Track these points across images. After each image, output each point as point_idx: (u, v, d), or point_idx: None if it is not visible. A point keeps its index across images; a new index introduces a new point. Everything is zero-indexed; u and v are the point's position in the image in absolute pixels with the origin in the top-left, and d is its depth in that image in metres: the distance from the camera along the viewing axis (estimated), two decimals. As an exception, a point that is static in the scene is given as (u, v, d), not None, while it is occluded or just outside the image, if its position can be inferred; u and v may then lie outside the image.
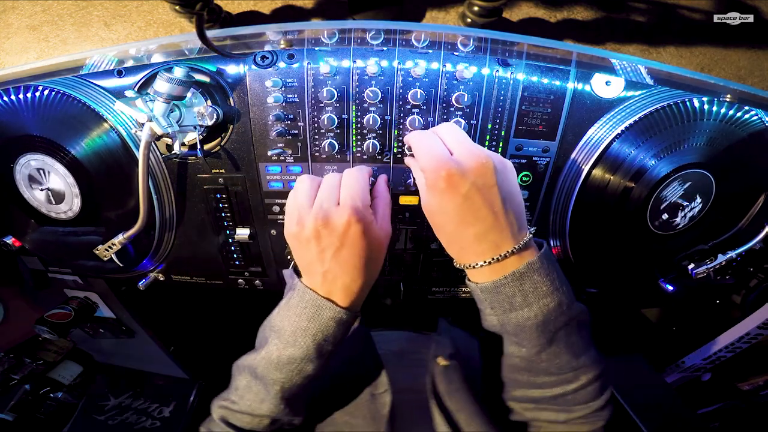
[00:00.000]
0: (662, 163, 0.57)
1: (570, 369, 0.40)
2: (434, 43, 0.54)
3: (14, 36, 0.82)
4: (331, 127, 0.56)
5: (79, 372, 1.16)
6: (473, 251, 0.40)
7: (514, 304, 0.39)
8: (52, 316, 0.87)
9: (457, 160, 0.39)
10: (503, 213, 0.39)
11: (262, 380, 0.43)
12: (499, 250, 0.39)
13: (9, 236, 0.72)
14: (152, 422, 1.12)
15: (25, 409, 1.05)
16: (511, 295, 0.39)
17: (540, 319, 0.38)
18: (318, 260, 0.42)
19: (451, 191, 0.38)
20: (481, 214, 0.38)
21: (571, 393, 0.41)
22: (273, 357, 0.42)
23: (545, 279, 0.38)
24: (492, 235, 0.39)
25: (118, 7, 0.81)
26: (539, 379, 0.42)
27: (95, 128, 0.57)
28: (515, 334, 0.41)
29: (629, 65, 0.57)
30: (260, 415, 0.44)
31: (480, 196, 0.38)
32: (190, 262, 0.72)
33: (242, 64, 0.55)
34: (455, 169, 0.38)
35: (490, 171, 0.38)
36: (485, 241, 0.39)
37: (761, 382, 0.99)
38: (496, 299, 0.40)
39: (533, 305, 0.38)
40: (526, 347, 0.40)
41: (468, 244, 0.40)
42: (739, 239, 0.66)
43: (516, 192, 0.41)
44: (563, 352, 0.40)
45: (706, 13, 0.78)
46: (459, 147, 0.40)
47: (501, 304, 0.40)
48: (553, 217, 0.64)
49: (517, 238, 0.39)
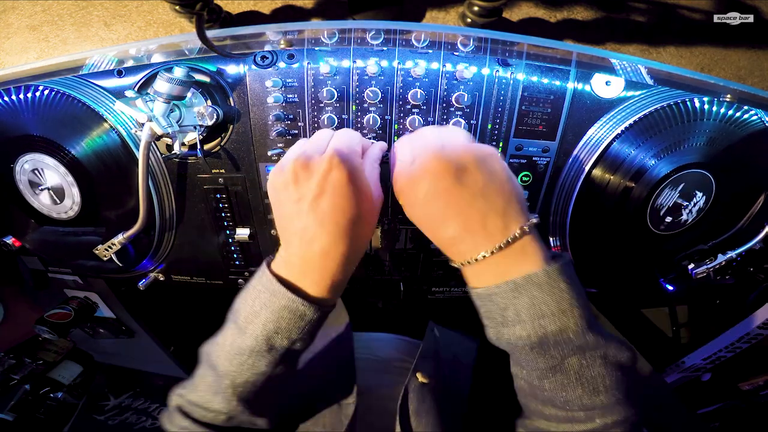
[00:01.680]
0: (662, 163, 0.57)
1: (581, 407, 0.34)
2: (434, 43, 0.54)
3: (14, 36, 0.82)
4: (331, 127, 0.56)
5: (79, 372, 1.16)
6: (456, 252, 0.37)
7: (506, 318, 0.34)
8: (52, 316, 0.87)
9: (412, 169, 0.38)
10: (472, 211, 0.34)
11: (215, 370, 0.38)
12: (476, 252, 0.34)
13: (9, 236, 0.72)
14: (152, 422, 1.12)
15: (25, 409, 1.05)
16: (503, 307, 0.34)
17: (534, 341, 0.33)
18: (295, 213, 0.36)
19: (410, 201, 0.38)
20: (447, 217, 0.35)
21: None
22: (226, 343, 0.37)
23: (548, 297, 0.32)
24: (467, 236, 0.35)
25: (118, 7, 0.81)
26: (546, 410, 0.37)
27: (95, 128, 0.57)
28: (511, 353, 0.37)
29: (629, 65, 0.57)
30: (213, 410, 0.38)
31: (438, 199, 0.35)
32: (190, 262, 0.72)
33: (242, 64, 0.55)
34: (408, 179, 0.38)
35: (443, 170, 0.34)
36: (462, 243, 0.35)
37: (761, 382, 0.99)
38: (489, 309, 0.35)
39: (526, 323, 0.33)
40: (526, 369, 0.36)
41: (447, 246, 0.38)
42: (739, 239, 0.66)
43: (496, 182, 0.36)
44: (573, 385, 0.34)
45: (706, 13, 0.78)
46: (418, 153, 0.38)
47: (493, 316, 0.35)
48: (553, 217, 0.64)
49: (497, 236, 0.34)
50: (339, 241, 0.36)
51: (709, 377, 0.99)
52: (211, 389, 0.38)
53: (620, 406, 0.34)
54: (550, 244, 0.67)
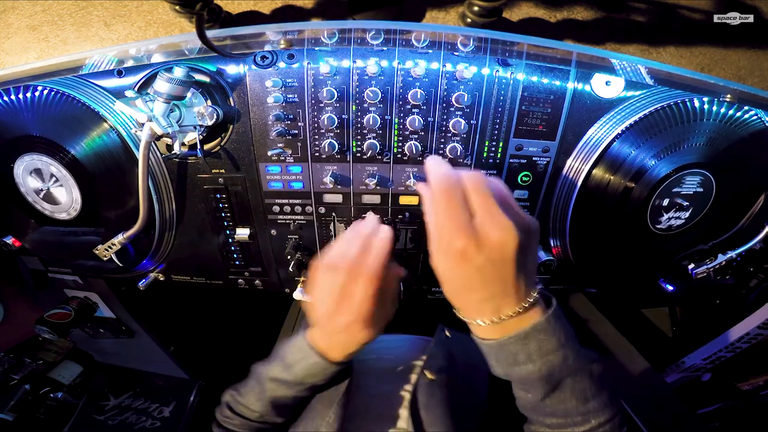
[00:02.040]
0: (662, 163, 0.57)
1: (578, 414, 0.41)
2: (434, 43, 0.54)
3: (14, 36, 0.82)
4: (331, 127, 0.56)
5: (79, 372, 1.16)
6: (475, 310, 0.39)
7: (517, 360, 0.39)
8: (52, 316, 0.87)
9: (476, 230, 0.36)
10: (513, 281, 0.37)
11: (261, 387, 0.52)
12: (499, 313, 0.38)
13: (9, 236, 0.72)
14: (152, 422, 1.12)
15: (25, 409, 1.05)
16: (515, 352, 0.38)
17: (544, 373, 0.38)
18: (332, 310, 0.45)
19: (462, 262, 0.36)
20: (488, 285, 0.37)
21: None
22: (272, 374, 0.51)
23: (551, 338, 0.38)
24: (497, 299, 0.38)
25: (118, 7, 0.81)
26: (548, 420, 0.43)
27: (95, 128, 0.57)
28: (520, 383, 0.42)
29: (629, 65, 0.56)
30: (253, 410, 0.53)
31: (493, 270, 0.36)
32: (190, 262, 0.72)
33: (242, 64, 0.55)
34: (473, 241, 0.35)
35: (511, 245, 0.35)
36: (488, 304, 0.38)
37: (761, 382, 0.99)
38: (500, 354, 0.40)
39: (537, 362, 0.38)
40: (532, 393, 0.41)
41: (470, 305, 0.40)
42: (739, 239, 0.66)
43: (534, 256, 0.40)
44: (569, 398, 0.40)
45: (706, 13, 0.78)
46: (482, 210, 0.36)
47: (505, 359, 0.40)
48: (553, 217, 0.64)
49: (522, 300, 0.38)
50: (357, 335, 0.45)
51: (709, 377, 0.99)
52: (256, 397, 0.53)
53: (607, 407, 0.41)
54: (550, 245, 0.67)
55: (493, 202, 0.37)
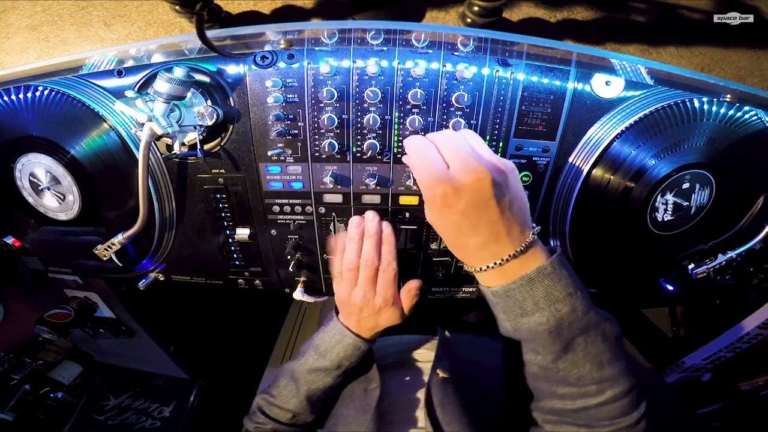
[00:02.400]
0: (662, 163, 0.57)
1: (592, 381, 0.39)
2: (434, 43, 0.54)
3: (14, 36, 0.81)
4: (331, 127, 0.56)
5: (79, 372, 1.17)
6: (477, 257, 0.40)
7: (525, 309, 0.38)
8: (52, 316, 0.87)
9: (451, 177, 0.38)
10: (501, 222, 0.38)
11: (296, 382, 0.58)
12: (499, 256, 0.39)
13: (9, 236, 0.72)
14: (152, 422, 1.12)
15: (25, 409, 1.05)
16: (521, 299, 0.38)
17: (552, 325, 0.37)
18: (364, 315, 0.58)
19: (446, 209, 0.38)
20: (479, 227, 0.38)
21: (593, 407, 0.39)
22: (308, 366, 0.58)
23: (557, 284, 0.38)
24: (491, 243, 0.39)
25: (118, 7, 0.81)
26: (560, 390, 0.41)
27: (95, 128, 0.57)
28: (530, 340, 0.41)
29: (629, 65, 0.57)
30: (287, 409, 0.57)
31: (476, 211, 0.38)
32: (190, 262, 0.72)
33: (242, 64, 0.55)
34: (449, 187, 0.37)
35: (486, 185, 0.37)
36: (486, 249, 0.39)
37: (761, 382, 0.99)
38: (508, 304, 0.40)
39: (544, 310, 0.37)
40: (542, 354, 0.40)
41: (471, 252, 0.41)
42: (739, 239, 0.66)
43: (517, 195, 0.41)
44: (582, 362, 0.39)
45: (706, 13, 0.78)
46: (454, 160, 0.39)
47: (512, 309, 0.40)
48: (553, 217, 0.64)
49: (517, 241, 0.39)
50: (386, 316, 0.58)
51: (709, 377, 0.99)
52: (290, 394, 0.58)
53: (624, 377, 0.39)
54: (551, 245, 0.67)
55: (464, 151, 0.39)
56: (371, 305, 0.56)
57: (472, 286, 0.74)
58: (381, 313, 0.57)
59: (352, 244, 0.57)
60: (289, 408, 0.58)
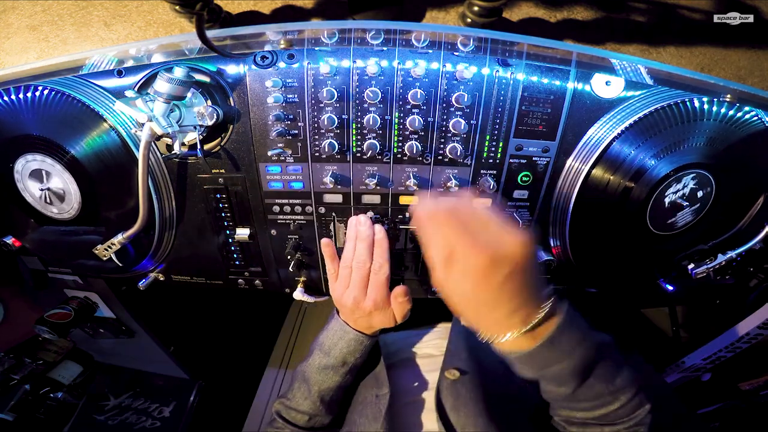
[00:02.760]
0: (662, 163, 0.57)
1: (608, 393, 0.41)
2: (434, 43, 0.54)
3: (14, 36, 0.81)
4: (331, 127, 0.56)
5: (79, 372, 1.16)
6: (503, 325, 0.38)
7: (548, 363, 0.39)
8: (52, 316, 0.87)
9: (491, 245, 0.35)
10: (534, 287, 0.37)
11: (307, 383, 0.59)
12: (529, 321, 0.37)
13: (9, 236, 0.72)
14: (152, 422, 1.12)
15: (25, 409, 1.05)
16: (547, 357, 0.39)
17: (571, 368, 0.39)
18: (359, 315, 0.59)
19: (485, 279, 0.35)
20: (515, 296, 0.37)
21: (613, 412, 0.42)
22: (315, 365, 0.59)
23: (574, 333, 0.39)
24: (522, 309, 0.37)
25: (118, 7, 0.81)
26: (580, 405, 0.43)
27: (95, 128, 0.57)
28: (552, 381, 0.42)
29: (629, 65, 0.57)
30: (302, 411, 0.58)
31: (514, 281, 0.36)
32: (190, 262, 0.72)
33: (242, 64, 0.55)
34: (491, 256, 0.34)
35: (528, 255, 0.35)
36: (516, 316, 0.37)
37: (761, 382, 0.99)
38: (532, 362, 0.40)
39: (567, 359, 0.38)
40: (564, 386, 0.41)
41: (498, 321, 0.38)
42: (739, 239, 0.66)
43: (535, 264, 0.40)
44: (597, 383, 0.41)
45: (706, 13, 0.78)
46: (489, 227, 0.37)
47: (537, 365, 0.40)
48: (553, 217, 0.64)
49: (542, 302, 0.38)
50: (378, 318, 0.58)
51: (709, 377, 0.99)
52: (303, 395, 0.59)
53: (631, 381, 0.42)
54: (550, 245, 0.67)
55: (493, 218, 0.38)
56: (362, 308, 0.57)
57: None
58: (372, 316, 0.58)
59: (348, 243, 0.59)
60: (304, 410, 0.59)
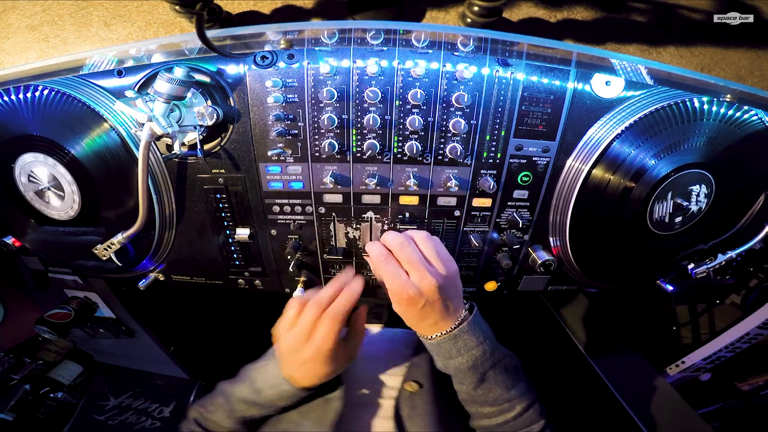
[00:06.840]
0: (662, 163, 0.57)
1: (504, 400, 0.54)
2: (434, 43, 0.54)
3: (14, 36, 0.82)
4: (331, 127, 0.56)
5: (79, 372, 1.17)
6: (428, 331, 0.54)
7: (451, 354, 0.53)
8: (52, 316, 0.87)
9: (414, 285, 0.50)
10: (444, 309, 0.52)
11: (231, 406, 0.58)
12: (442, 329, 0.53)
13: (9, 236, 0.72)
14: (152, 422, 1.12)
15: (25, 409, 1.05)
16: (448, 348, 0.53)
17: (470, 364, 0.53)
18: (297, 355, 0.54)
19: (411, 306, 0.51)
20: (431, 315, 0.52)
21: (512, 420, 0.54)
22: (241, 395, 0.57)
23: (472, 336, 0.53)
24: (439, 323, 0.52)
25: (118, 7, 0.81)
26: (484, 410, 0.56)
27: (95, 128, 0.57)
28: (455, 375, 0.55)
29: (629, 65, 0.57)
30: (223, 426, 0.58)
31: (431, 306, 0.51)
32: (190, 262, 0.72)
33: (242, 64, 0.55)
34: (414, 293, 0.49)
35: (435, 290, 0.50)
36: (434, 327, 0.53)
37: (761, 382, 0.99)
38: (439, 351, 0.54)
39: (464, 355, 0.53)
40: (465, 384, 0.55)
41: (425, 329, 0.54)
42: (739, 239, 0.66)
43: (456, 287, 0.53)
44: (495, 387, 0.54)
45: (706, 13, 0.78)
46: (412, 270, 0.50)
47: (443, 354, 0.54)
48: (553, 217, 0.64)
49: (455, 318, 0.53)
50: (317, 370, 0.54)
51: (709, 377, 1.00)
52: (225, 414, 0.58)
53: (525, 394, 0.55)
54: (550, 245, 0.67)
55: (416, 260, 0.51)
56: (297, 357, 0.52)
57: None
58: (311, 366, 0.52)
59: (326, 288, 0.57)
60: (226, 426, 0.57)
